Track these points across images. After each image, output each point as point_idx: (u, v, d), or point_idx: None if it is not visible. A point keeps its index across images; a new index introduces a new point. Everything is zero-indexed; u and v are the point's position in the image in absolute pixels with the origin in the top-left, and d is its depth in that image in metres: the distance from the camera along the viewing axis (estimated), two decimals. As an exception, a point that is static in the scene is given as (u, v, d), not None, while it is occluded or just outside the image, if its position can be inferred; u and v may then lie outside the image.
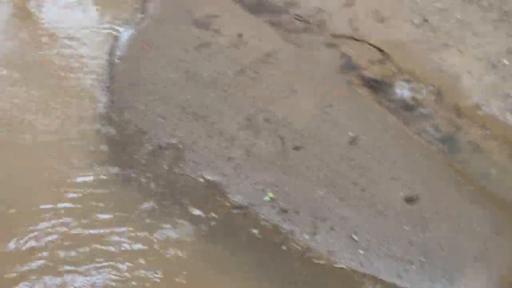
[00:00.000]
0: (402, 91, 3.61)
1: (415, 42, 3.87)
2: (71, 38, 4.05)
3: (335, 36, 3.98)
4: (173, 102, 3.38)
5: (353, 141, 3.21)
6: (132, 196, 2.95)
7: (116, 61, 3.76)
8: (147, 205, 2.91)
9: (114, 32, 4.11)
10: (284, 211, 2.87)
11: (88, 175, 3.02)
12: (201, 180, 3.02)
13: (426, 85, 3.63)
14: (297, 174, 3.02)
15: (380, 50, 3.84)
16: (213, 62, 3.65)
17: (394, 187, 2.99)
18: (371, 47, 3.86)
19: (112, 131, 3.27)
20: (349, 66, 3.74)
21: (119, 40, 3.99)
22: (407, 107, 3.52)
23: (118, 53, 3.84)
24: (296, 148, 3.15)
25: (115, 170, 3.07)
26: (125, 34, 4.05)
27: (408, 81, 3.66)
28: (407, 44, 3.86)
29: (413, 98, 3.57)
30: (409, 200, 2.93)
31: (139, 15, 4.23)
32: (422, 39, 3.88)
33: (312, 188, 2.97)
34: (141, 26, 4.08)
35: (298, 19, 4.12)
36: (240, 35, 3.89)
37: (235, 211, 2.89)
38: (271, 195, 2.92)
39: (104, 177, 3.03)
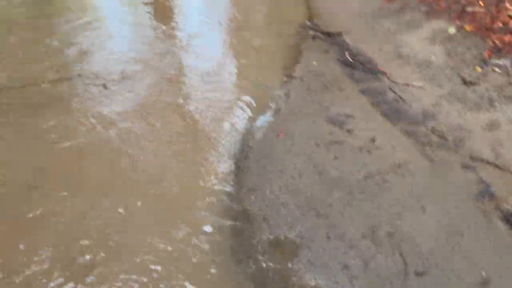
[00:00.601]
0: (549, 235, 3.21)
1: None
2: (208, 112, 4.43)
3: (474, 158, 3.78)
4: (298, 194, 3.44)
5: (485, 283, 2.89)
6: (239, 280, 2.97)
7: (250, 142, 4.02)
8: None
9: (251, 114, 4.43)
10: None
11: (201, 251, 3.10)
12: (313, 282, 2.94)
13: None
14: (416, 304, 2.79)
15: (526, 183, 3.53)
16: (342, 162, 3.70)
17: None
18: (515, 178, 3.58)
19: (236, 209, 3.40)
20: (486, 194, 3.48)
21: (256, 122, 4.30)
22: (554, 256, 3.10)
23: (253, 135, 4.12)
24: (419, 274, 2.93)
25: (229, 250, 3.13)
26: (263, 117, 4.36)
27: (557, 225, 3.26)
28: (559, 183, 3.50)
29: (562, 246, 3.15)
30: None
31: (278, 102, 4.54)
32: None
33: (432, 325, 2.70)
34: (278, 113, 4.36)
35: (435, 133, 4.03)
36: (372, 140, 3.91)
37: (343, 327, 2.74)
38: (385, 320, 2.72)
39: (217, 254, 3.09)
